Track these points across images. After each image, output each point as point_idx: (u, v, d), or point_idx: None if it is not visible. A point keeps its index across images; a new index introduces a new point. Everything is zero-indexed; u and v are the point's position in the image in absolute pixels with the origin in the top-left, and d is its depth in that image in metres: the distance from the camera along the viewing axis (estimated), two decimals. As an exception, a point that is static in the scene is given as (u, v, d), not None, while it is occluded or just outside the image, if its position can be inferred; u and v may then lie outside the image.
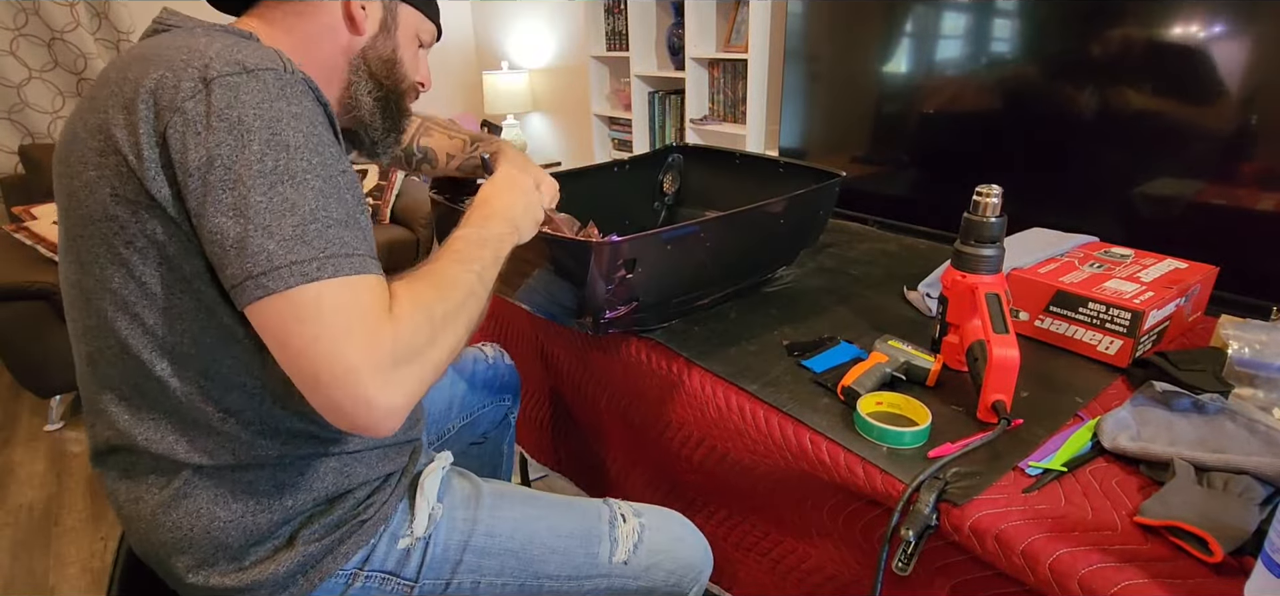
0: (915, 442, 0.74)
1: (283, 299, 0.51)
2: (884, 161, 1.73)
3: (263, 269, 0.51)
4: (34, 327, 1.97)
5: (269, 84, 0.54)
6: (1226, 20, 1.13)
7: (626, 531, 0.82)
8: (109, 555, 1.64)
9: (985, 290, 0.79)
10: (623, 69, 2.80)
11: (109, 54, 2.77)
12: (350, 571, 0.69)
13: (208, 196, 0.52)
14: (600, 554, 0.80)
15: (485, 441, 1.17)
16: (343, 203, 0.56)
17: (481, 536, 0.76)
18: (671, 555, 0.84)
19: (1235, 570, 0.56)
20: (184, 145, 0.52)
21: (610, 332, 1.02)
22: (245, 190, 0.52)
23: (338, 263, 0.53)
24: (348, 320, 0.53)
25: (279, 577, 0.65)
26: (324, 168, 0.55)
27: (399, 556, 0.72)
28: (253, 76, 0.54)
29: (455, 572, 0.74)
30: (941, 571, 0.69)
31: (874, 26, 1.64)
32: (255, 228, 0.51)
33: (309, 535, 0.66)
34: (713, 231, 0.93)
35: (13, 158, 2.65)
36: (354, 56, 0.72)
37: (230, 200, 0.52)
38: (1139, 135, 1.25)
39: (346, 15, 0.70)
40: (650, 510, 0.87)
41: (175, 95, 0.53)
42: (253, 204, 0.52)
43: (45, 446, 2.07)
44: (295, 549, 0.65)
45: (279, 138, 0.53)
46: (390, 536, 0.72)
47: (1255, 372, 0.79)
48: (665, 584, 0.83)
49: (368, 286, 0.55)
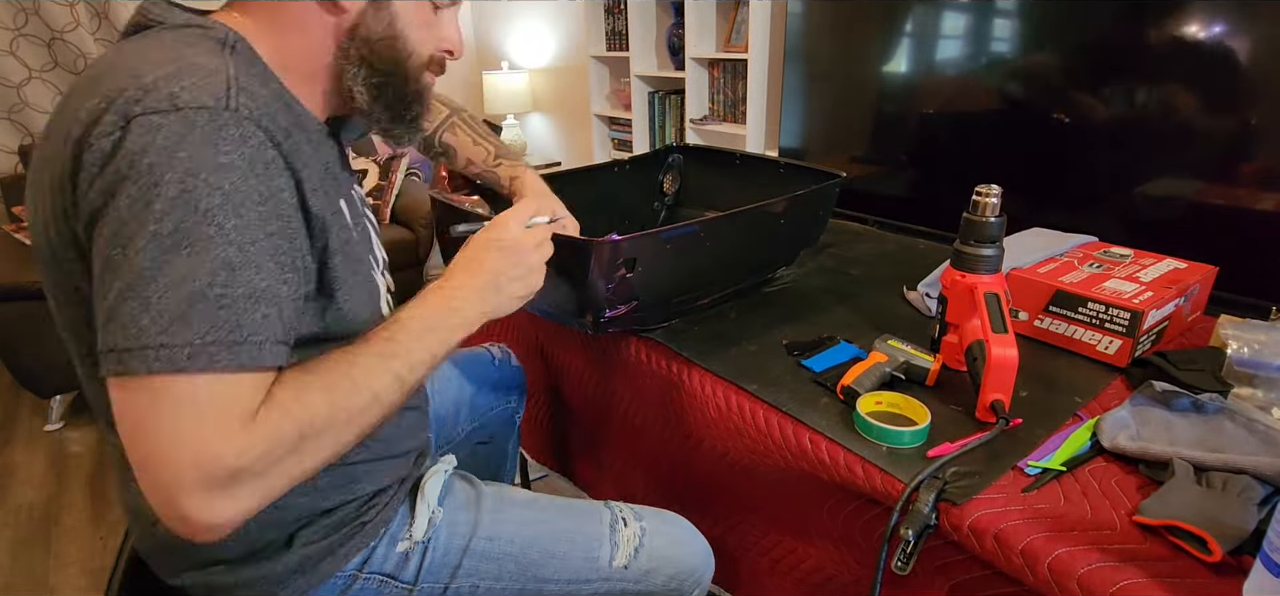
0: (914, 442, 0.74)
1: (139, 383, 0.46)
2: (884, 161, 1.73)
3: (127, 344, 0.46)
4: (34, 327, 1.96)
5: (198, 126, 0.48)
6: (1226, 20, 1.13)
7: (627, 535, 0.82)
8: (109, 555, 1.64)
9: (984, 290, 0.79)
10: (623, 69, 2.80)
11: (109, 54, 2.78)
12: (349, 573, 0.69)
13: (94, 247, 0.48)
14: (600, 558, 0.80)
15: (491, 442, 1.17)
16: (260, 271, 0.50)
17: (481, 540, 0.76)
18: (672, 559, 0.83)
19: (1234, 569, 0.56)
20: (88, 185, 0.48)
21: (610, 332, 1.02)
22: (135, 251, 0.46)
23: (214, 352, 0.47)
24: (195, 421, 0.46)
25: (277, 577, 0.65)
26: (241, 232, 0.49)
27: (398, 560, 0.71)
28: (180, 116, 0.48)
29: (454, 577, 0.74)
30: (941, 571, 0.69)
31: (874, 26, 1.65)
32: (133, 295, 0.46)
33: (308, 536, 0.66)
34: (713, 231, 0.93)
35: (13, 158, 2.65)
36: (342, 40, 0.62)
37: (118, 257, 0.46)
38: (1139, 135, 1.25)
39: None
40: (651, 513, 0.86)
41: (95, 130, 0.48)
42: (138, 269, 0.46)
43: (45, 446, 2.07)
44: (294, 550, 0.65)
45: (189, 195, 0.47)
46: (390, 539, 0.71)
47: (1254, 372, 0.79)
48: (665, 588, 0.82)
49: (238, 385, 0.48)
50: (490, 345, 1.17)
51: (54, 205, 0.51)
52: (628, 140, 2.91)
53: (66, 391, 2.13)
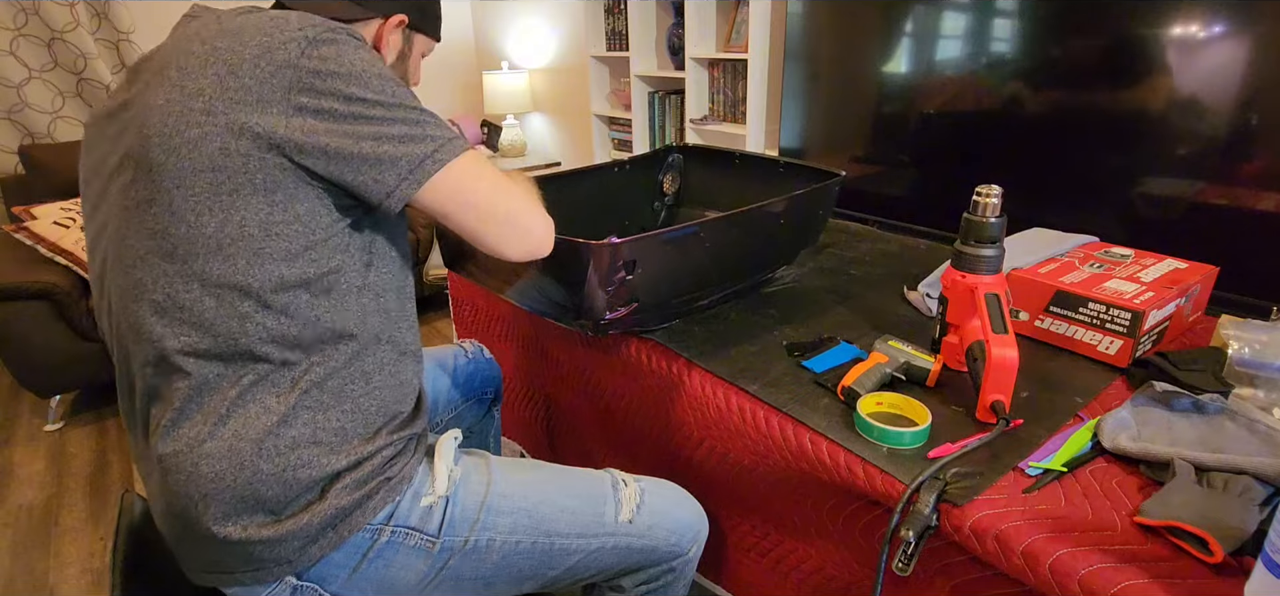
0: (915, 443, 0.74)
1: (450, 169, 0.68)
2: (884, 161, 1.73)
3: (430, 151, 0.67)
4: (34, 327, 1.96)
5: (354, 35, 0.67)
6: (1226, 20, 1.13)
7: (628, 494, 0.87)
8: (109, 555, 1.63)
9: (985, 290, 0.79)
10: (623, 69, 2.80)
11: (109, 54, 2.77)
12: (377, 526, 0.72)
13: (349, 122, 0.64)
14: (607, 513, 0.84)
15: (470, 436, 1.21)
16: None
17: (496, 497, 0.79)
18: (670, 515, 0.88)
19: (1235, 570, 0.56)
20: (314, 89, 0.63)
21: (610, 333, 1.02)
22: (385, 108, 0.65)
23: (463, 143, 0.70)
24: (496, 176, 0.72)
25: (312, 530, 0.67)
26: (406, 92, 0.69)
27: (422, 513, 0.74)
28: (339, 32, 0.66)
29: (473, 530, 0.77)
30: (941, 571, 0.69)
31: (874, 26, 1.64)
32: (409, 129, 0.66)
33: (340, 489, 0.69)
34: (713, 231, 0.93)
35: (13, 158, 2.65)
36: None
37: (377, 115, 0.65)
38: (1139, 135, 1.25)
39: (373, 47, 0.76)
40: (648, 479, 0.91)
41: (285, 53, 0.62)
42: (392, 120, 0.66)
43: (45, 446, 2.07)
44: (327, 501, 0.68)
45: (384, 74, 0.67)
46: (413, 494, 0.75)
47: (1255, 372, 0.79)
48: (666, 541, 0.87)
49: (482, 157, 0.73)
50: (463, 342, 1.22)
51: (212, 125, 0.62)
52: (628, 140, 2.91)
53: (66, 391, 2.13)
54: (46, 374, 2.03)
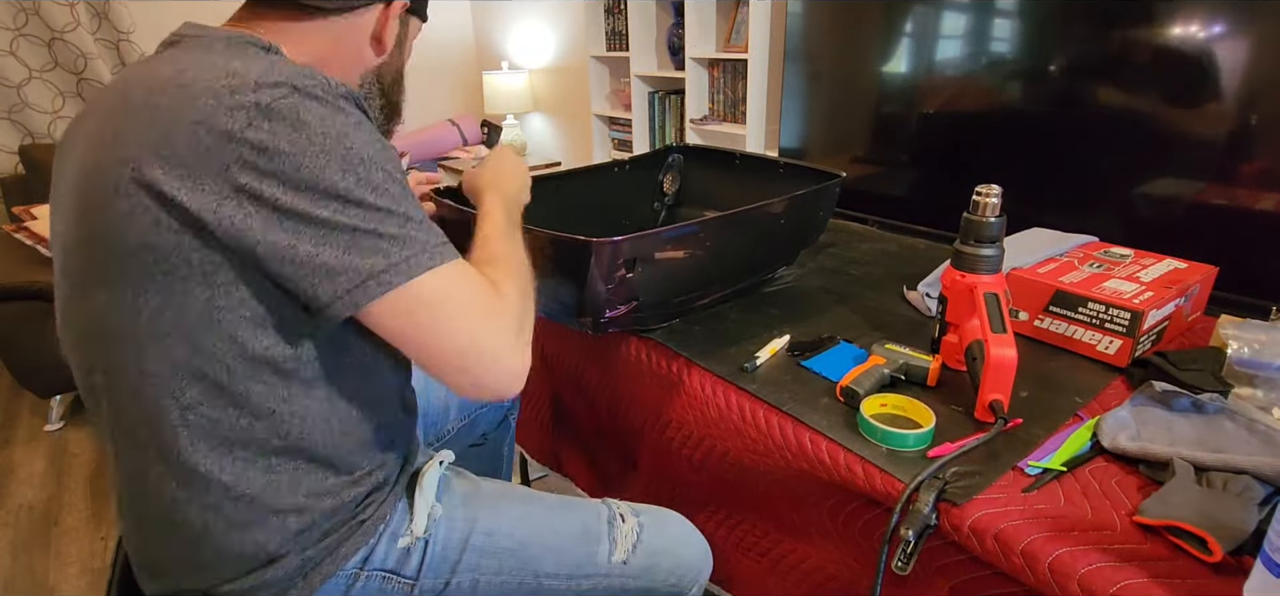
0: (920, 445, 0.74)
1: (405, 292, 0.56)
2: (884, 161, 1.73)
3: (381, 268, 0.55)
4: (34, 327, 1.96)
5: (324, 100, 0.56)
6: (1226, 21, 1.13)
7: (625, 531, 0.82)
8: (109, 555, 1.64)
9: (984, 290, 0.79)
10: (623, 69, 2.80)
11: (109, 54, 2.77)
12: (351, 571, 0.69)
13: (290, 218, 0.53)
14: (599, 553, 0.80)
15: (485, 443, 1.17)
16: (414, 202, 0.59)
17: (480, 535, 0.76)
18: (670, 555, 0.84)
19: (1234, 570, 0.56)
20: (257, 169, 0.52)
21: (610, 332, 1.02)
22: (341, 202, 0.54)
23: (440, 251, 0.58)
24: (470, 300, 0.59)
25: (279, 582, 0.65)
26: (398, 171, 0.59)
27: (399, 555, 0.71)
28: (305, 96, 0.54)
29: (455, 572, 0.74)
30: (941, 571, 0.69)
31: (874, 26, 1.65)
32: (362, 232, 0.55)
33: (306, 539, 0.66)
34: (713, 231, 0.93)
35: (13, 158, 2.65)
36: (367, 73, 0.74)
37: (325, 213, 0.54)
38: (1139, 135, 1.25)
39: (375, 37, 0.72)
40: (649, 510, 0.87)
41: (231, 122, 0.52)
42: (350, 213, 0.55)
43: (45, 446, 2.08)
44: (293, 555, 0.65)
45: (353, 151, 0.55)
46: (390, 536, 0.71)
47: (1255, 372, 0.79)
48: (665, 583, 0.83)
49: (469, 268, 0.61)
50: None
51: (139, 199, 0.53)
52: (628, 140, 2.91)
53: (66, 391, 2.13)
54: (47, 374, 2.03)
